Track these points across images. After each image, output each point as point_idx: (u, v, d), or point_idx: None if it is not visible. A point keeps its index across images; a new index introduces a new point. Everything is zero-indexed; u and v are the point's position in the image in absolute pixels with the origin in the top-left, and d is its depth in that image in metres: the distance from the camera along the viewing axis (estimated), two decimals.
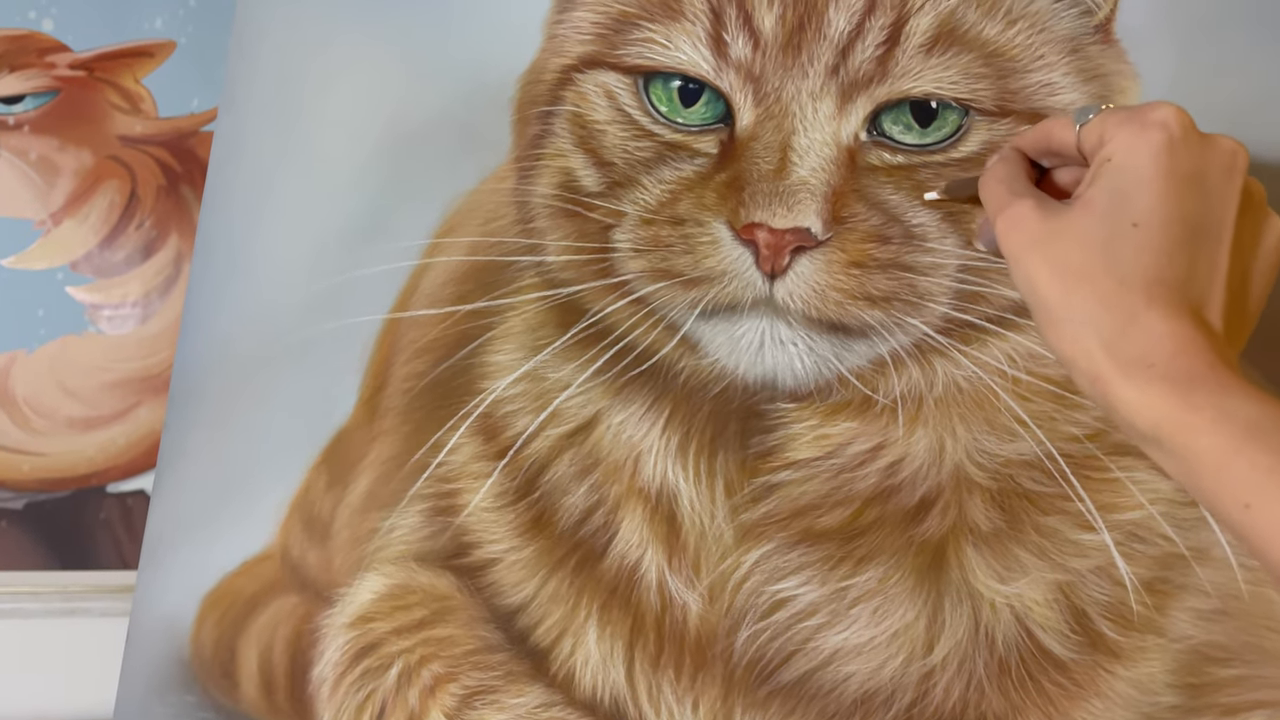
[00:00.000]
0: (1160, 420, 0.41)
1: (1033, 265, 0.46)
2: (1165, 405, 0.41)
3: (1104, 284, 0.44)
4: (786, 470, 0.63)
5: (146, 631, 0.75)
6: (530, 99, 0.68)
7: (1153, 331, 0.43)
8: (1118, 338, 0.43)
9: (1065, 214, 0.46)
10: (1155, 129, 0.45)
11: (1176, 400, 0.41)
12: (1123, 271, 0.44)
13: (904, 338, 0.60)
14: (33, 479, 0.91)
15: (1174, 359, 0.42)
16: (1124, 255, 0.44)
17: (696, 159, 0.62)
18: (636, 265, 0.62)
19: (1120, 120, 0.46)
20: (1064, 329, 0.45)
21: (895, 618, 0.61)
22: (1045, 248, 0.46)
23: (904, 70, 0.59)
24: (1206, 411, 0.41)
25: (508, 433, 0.68)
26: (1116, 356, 0.43)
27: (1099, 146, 0.47)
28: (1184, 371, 0.42)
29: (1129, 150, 0.45)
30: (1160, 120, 0.45)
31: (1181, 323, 0.43)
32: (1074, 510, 0.61)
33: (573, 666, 0.65)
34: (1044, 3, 0.62)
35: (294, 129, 0.78)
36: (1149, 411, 0.42)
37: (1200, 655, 0.61)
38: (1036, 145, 0.52)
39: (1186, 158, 0.45)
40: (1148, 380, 0.42)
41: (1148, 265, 0.44)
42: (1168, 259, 0.44)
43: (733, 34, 0.61)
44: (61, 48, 0.94)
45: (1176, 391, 0.41)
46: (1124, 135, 0.46)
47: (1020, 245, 0.47)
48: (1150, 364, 0.42)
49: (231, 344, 0.77)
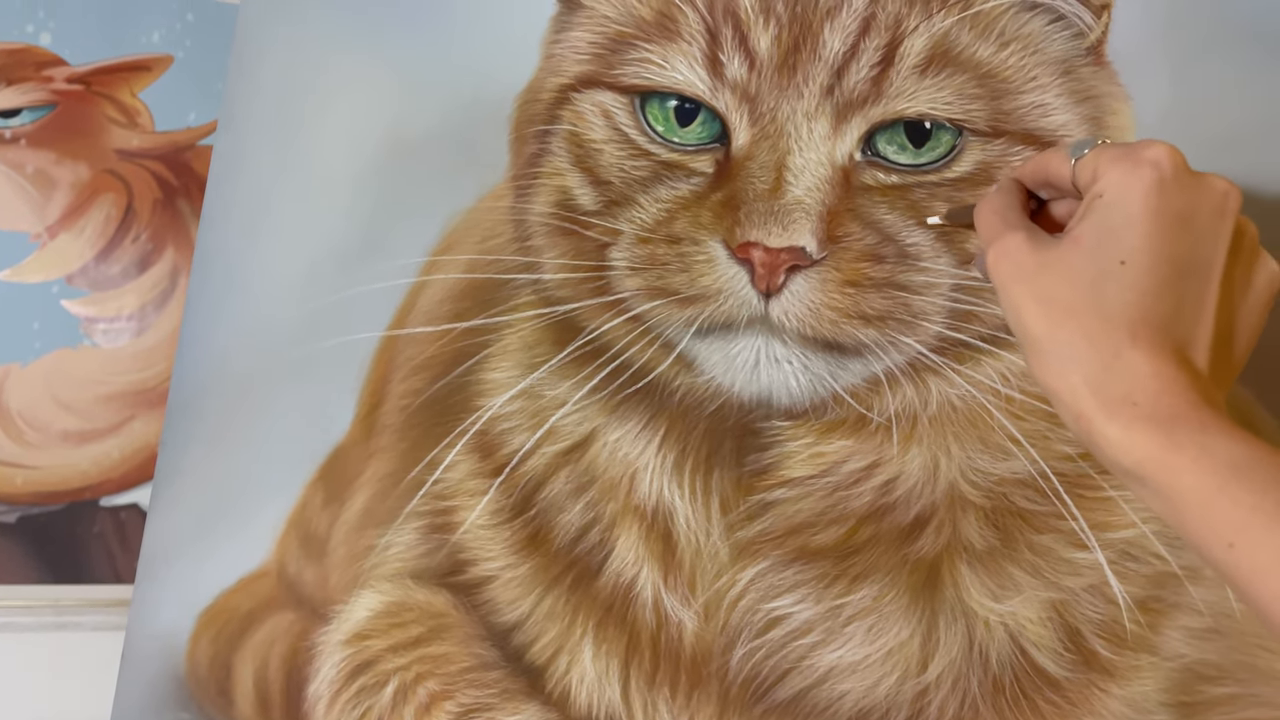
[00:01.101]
0: (1143, 459, 0.41)
1: (1020, 297, 0.46)
2: (1148, 444, 0.41)
3: (1089, 321, 0.44)
4: (781, 488, 0.63)
5: (142, 648, 0.75)
6: (528, 118, 0.69)
7: (1136, 370, 0.43)
8: (1102, 375, 0.43)
9: (1055, 248, 0.46)
10: (1147, 167, 0.45)
11: (1159, 439, 0.41)
12: (1108, 309, 0.44)
13: (898, 356, 0.60)
14: (26, 492, 0.91)
15: (1157, 398, 0.42)
16: (1110, 293, 0.44)
17: (693, 178, 0.62)
18: (633, 283, 0.62)
19: (1113, 157, 0.46)
20: (1049, 363, 0.45)
21: (890, 636, 0.61)
22: (1033, 281, 0.46)
23: (898, 91, 0.59)
24: (1189, 450, 0.40)
25: (504, 450, 0.68)
26: (1100, 394, 0.43)
27: (1092, 182, 0.47)
28: (1167, 411, 0.42)
29: (1120, 187, 0.45)
30: (1152, 159, 0.45)
31: (1165, 362, 0.43)
32: (1067, 528, 0.61)
33: (568, 684, 0.65)
34: (1037, 25, 0.62)
35: (292, 147, 0.78)
36: (1132, 450, 0.42)
37: (1193, 673, 0.61)
38: (1034, 176, 0.52)
39: (1177, 197, 0.45)
40: (1131, 419, 0.42)
41: (1133, 303, 0.44)
42: (1153, 298, 0.44)
43: (728, 54, 0.61)
44: (59, 61, 0.94)
45: (1159, 430, 0.41)
46: (1116, 172, 0.46)
47: (1009, 277, 0.47)
48: (1134, 402, 0.42)
49: (229, 360, 0.77)
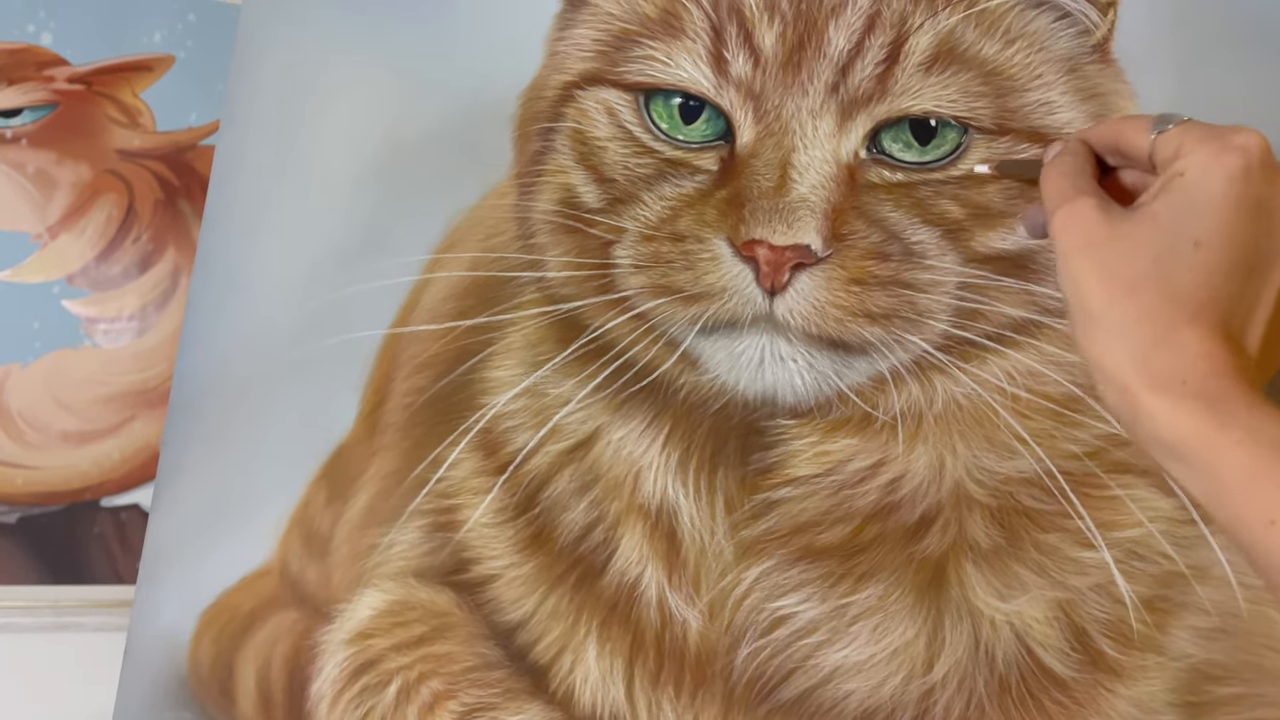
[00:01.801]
0: (1187, 435, 0.41)
1: (1083, 266, 0.46)
2: (1194, 421, 0.41)
3: (1151, 297, 0.44)
4: (786, 487, 0.63)
5: (144, 648, 0.75)
6: (531, 115, 0.68)
7: (1189, 349, 0.43)
8: (1152, 351, 0.43)
9: (1127, 220, 0.46)
10: (1235, 153, 0.45)
11: (1207, 417, 0.41)
12: (1174, 288, 0.44)
13: (904, 355, 0.60)
14: (26, 492, 0.90)
15: (1207, 378, 0.42)
16: (1178, 272, 0.44)
17: (697, 176, 0.62)
18: (637, 281, 0.62)
19: (1201, 137, 0.46)
20: (1099, 335, 0.45)
21: (895, 635, 0.61)
22: (1100, 251, 0.46)
23: (903, 88, 0.59)
24: (1235, 431, 0.41)
25: (508, 448, 0.68)
26: (1148, 369, 0.43)
27: (1173, 159, 0.46)
28: (1215, 390, 0.42)
29: (1204, 168, 0.45)
30: (1241, 145, 0.45)
31: (1219, 345, 0.43)
32: (1074, 528, 0.61)
33: (572, 683, 0.65)
34: (1042, 22, 0.62)
35: (294, 146, 0.78)
36: (1177, 426, 0.42)
37: (1200, 674, 0.61)
38: (1104, 142, 0.52)
39: (1261, 186, 0.44)
40: (1180, 396, 0.42)
41: (1200, 285, 0.44)
42: (1221, 282, 0.44)
43: (733, 52, 0.61)
44: (60, 61, 0.94)
45: (1207, 409, 0.41)
46: (1202, 153, 0.45)
47: (1075, 244, 0.47)
48: (1183, 380, 0.42)
49: (231, 359, 0.77)
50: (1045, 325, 0.61)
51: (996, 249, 0.60)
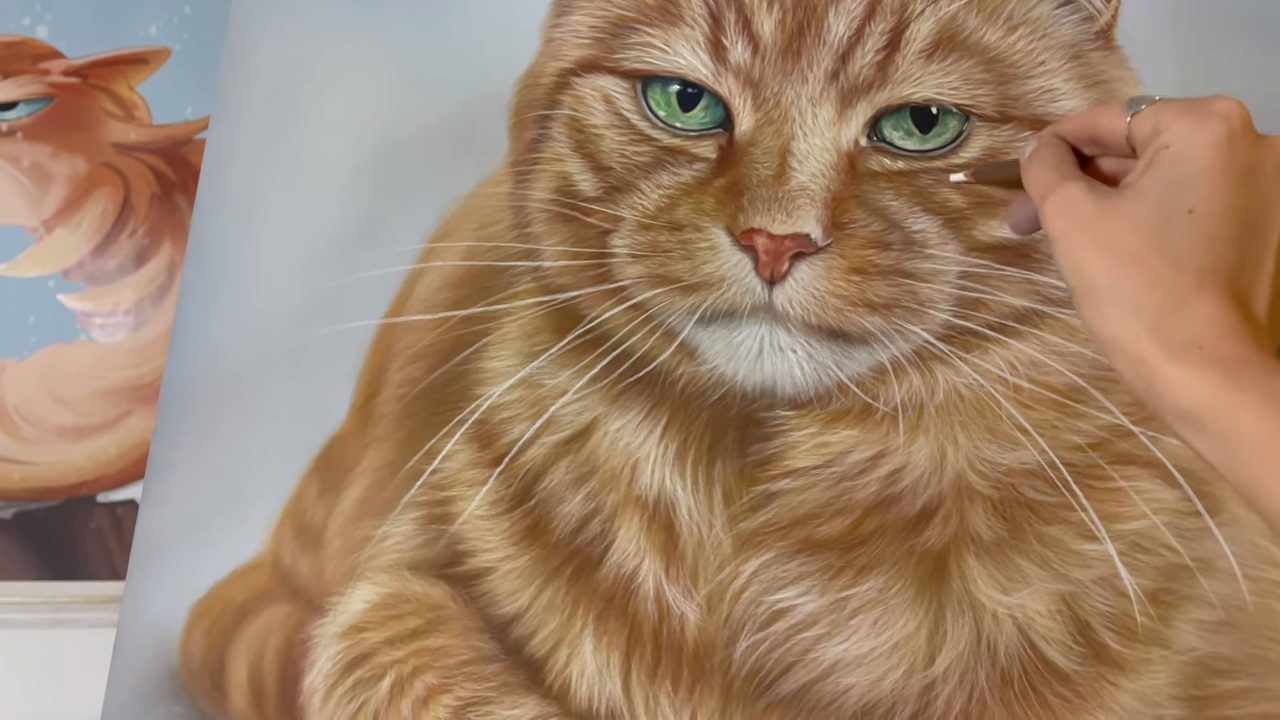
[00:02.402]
0: (1205, 400, 0.41)
1: (1081, 246, 0.46)
2: (1211, 385, 0.41)
3: (1155, 265, 0.44)
4: (786, 479, 0.63)
5: (134, 640, 0.74)
6: (527, 103, 0.68)
7: (1202, 314, 0.43)
8: (1166, 319, 0.43)
9: (1117, 198, 0.46)
10: (1216, 120, 0.45)
11: (1224, 380, 0.41)
12: (1175, 254, 0.44)
13: (905, 345, 0.60)
14: (22, 488, 0.90)
15: (1221, 341, 0.42)
16: (1177, 240, 0.44)
17: (695, 164, 0.62)
18: (634, 271, 0.62)
19: (1179, 110, 0.46)
20: (1109, 309, 0.44)
21: (896, 628, 0.61)
22: (1095, 229, 0.46)
23: (904, 76, 0.59)
24: (1254, 392, 0.40)
25: (503, 440, 0.68)
26: (1163, 337, 0.43)
27: (1153, 136, 0.47)
28: (1231, 354, 0.41)
29: (1188, 139, 0.45)
30: (1222, 112, 0.45)
31: (1231, 309, 0.43)
32: (1076, 520, 0.61)
33: (568, 677, 0.64)
34: (1045, 9, 0.61)
35: (287, 135, 0.78)
36: (1194, 391, 0.41)
37: (1204, 667, 0.60)
38: (1080, 132, 0.51)
39: (1245, 152, 0.45)
40: (1196, 361, 0.42)
41: (1200, 250, 0.44)
42: (1222, 246, 0.44)
43: (732, 39, 0.60)
44: (55, 54, 0.94)
45: (1225, 373, 0.41)
46: (1183, 124, 0.45)
47: (1070, 226, 0.47)
48: (1199, 345, 0.42)
49: (223, 349, 0.77)
50: (1048, 315, 0.61)
51: (998, 237, 0.60)
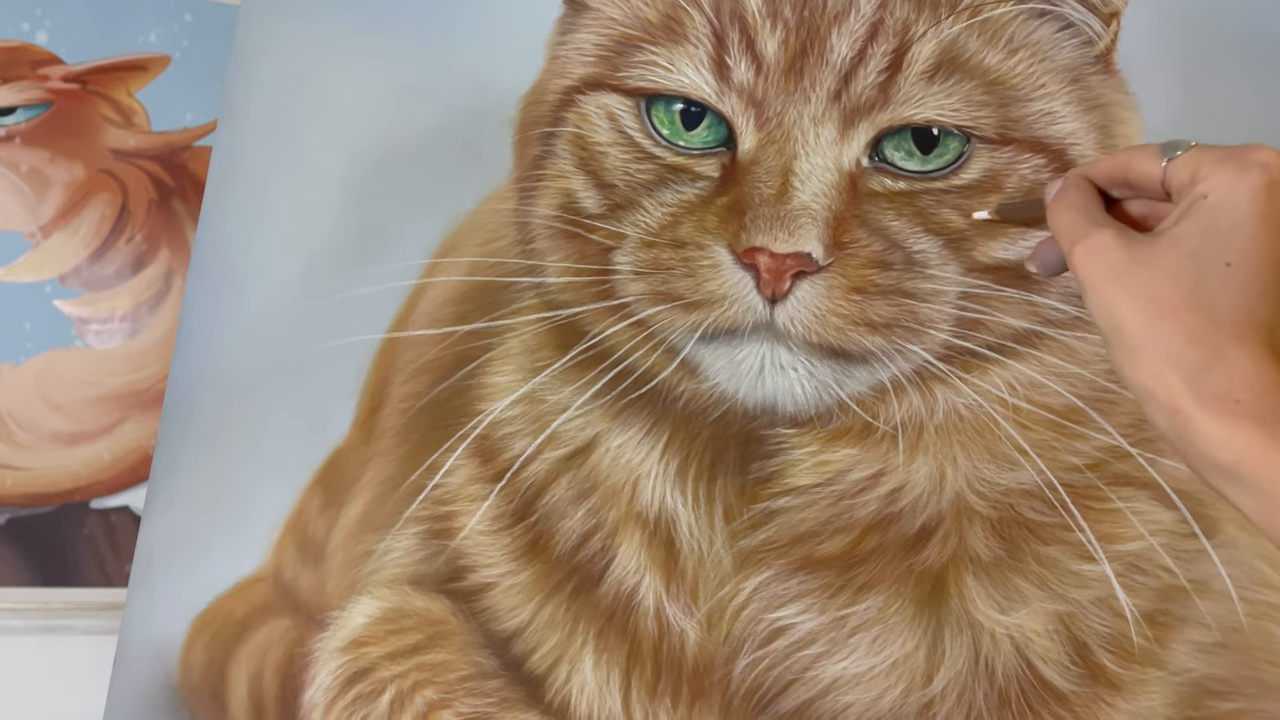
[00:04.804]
0: (1243, 456, 0.41)
1: (1114, 295, 0.46)
2: (1250, 441, 0.41)
3: (1192, 319, 0.44)
4: (786, 496, 0.63)
5: (135, 653, 0.74)
6: (532, 119, 0.68)
7: (1240, 369, 0.42)
8: (1202, 373, 0.43)
9: (1151, 246, 0.46)
10: (1257, 170, 0.44)
11: (1263, 437, 0.41)
12: (1212, 309, 0.44)
13: (905, 364, 0.60)
14: (16, 494, 0.90)
15: (1261, 397, 0.42)
16: (1214, 293, 0.44)
17: (698, 182, 0.62)
18: (637, 288, 0.62)
19: (1219, 159, 0.46)
20: (1143, 360, 0.44)
21: (895, 647, 0.61)
22: (1128, 278, 0.45)
23: (906, 97, 0.59)
24: None
25: (505, 455, 0.68)
26: (1200, 391, 0.42)
27: (1191, 184, 0.46)
28: (1270, 410, 0.41)
29: (1228, 190, 0.45)
30: (1262, 162, 0.45)
31: (1269, 362, 0.43)
32: (1074, 540, 0.61)
33: (568, 694, 0.64)
34: (1045, 32, 0.62)
35: (292, 146, 0.78)
36: (1232, 447, 0.41)
37: (1200, 688, 0.61)
38: (1111, 175, 0.51)
39: None
40: (1234, 416, 0.42)
41: (1238, 305, 0.43)
42: (1259, 300, 0.44)
43: (735, 58, 0.60)
44: (55, 60, 0.94)
45: (1264, 429, 0.41)
46: (1223, 174, 0.45)
47: (1101, 275, 0.46)
48: (1237, 400, 0.42)
49: (226, 361, 0.77)
50: (1047, 336, 0.61)
51: (998, 258, 0.60)
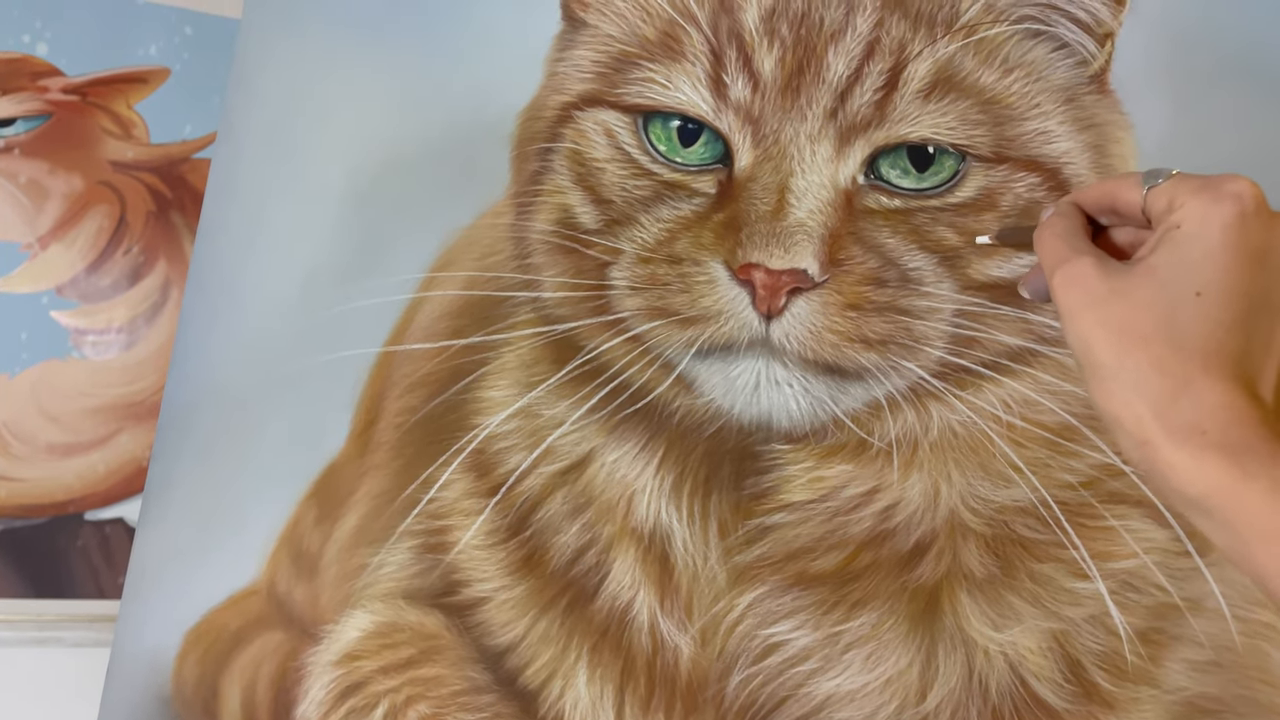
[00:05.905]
0: (1212, 488, 0.41)
1: (1088, 324, 0.46)
2: (1217, 473, 0.41)
3: (1160, 349, 0.44)
4: (781, 512, 0.63)
5: (128, 666, 0.74)
6: (530, 135, 0.68)
7: (1207, 400, 0.42)
8: (1170, 404, 0.43)
9: (1126, 276, 0.46)
10: (1229, 201, 0.45)
11: (1230, 468, 0.41)
12: (1181, 339, 0.44)
13: (900, 381, 0.60)
14: (10, 505, 0.90)
15: (1228, 428, 0.42)
16: (1184, 323, 0.44)
17: (695, 198, 0.62)
18: (633, 303, 0.62)
19: (1193, 188, 0.46)
20: (1114, 390, 0.44)
21: (888, 664, 0.61)
22: (1103, 308, 0.46)
23: (902, 115, 0.59)
24: (1261, 481, 0.40)
25: (500, 470, 0.68)
26: (1167, 422, 0.42)
27: (1167, 212, 0.47)
28: (1237, 441, 0.41)
29: (1200, 220, 0.45)
30: (1235, 193, 0.45)
31: (1236, 394, 0.42)
32: (1068, 558, 0.61)
33: (562, 709, 0.64)
34: (1040, 52, 0.62)
35: (292, 160, 0.78)
36: (1200, 479, 0.41)
37: (1193, 707, 0.61)
38: (1098, 202, 0.52)
39: (1257, 233, 0.44)
40: (1201, 447, 0.42)
41: (1207, 335, 0.43)
42: (1227, 331, 0.44)
43: (732, 76, 0.61)
44: (55, 72, 0.94)
45: (1230, 460, 0.41)
46: (1196, 204, 0.45)
47: (1077, 303, 0.47)
48: (1203, 431, 0.42)
49: (223, 374, 0.77)
50: (1041, 353, 0.61)
51: (993, 276, 0.60)
